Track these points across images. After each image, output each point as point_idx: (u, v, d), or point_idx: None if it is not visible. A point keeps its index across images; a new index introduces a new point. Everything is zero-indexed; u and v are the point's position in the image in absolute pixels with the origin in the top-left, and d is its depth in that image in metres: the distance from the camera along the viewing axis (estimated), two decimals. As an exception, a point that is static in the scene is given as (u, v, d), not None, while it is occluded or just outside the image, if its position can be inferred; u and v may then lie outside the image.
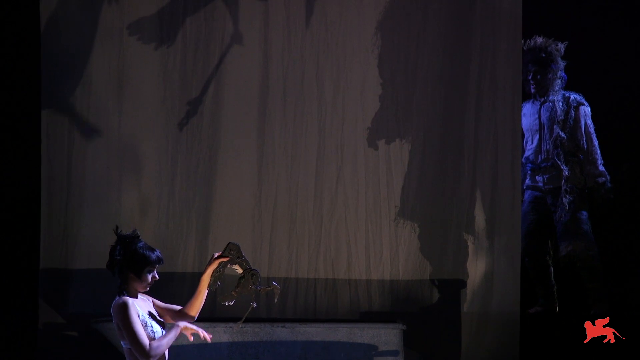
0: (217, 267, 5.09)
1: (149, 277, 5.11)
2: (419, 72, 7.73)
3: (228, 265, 5.09)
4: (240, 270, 5.06)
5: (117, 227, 5.15)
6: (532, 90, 8.25)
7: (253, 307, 5.13)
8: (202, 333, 5.19)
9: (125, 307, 5.04)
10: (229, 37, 7.61)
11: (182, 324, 5.15)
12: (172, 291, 7.23)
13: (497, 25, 7.77)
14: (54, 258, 7.43)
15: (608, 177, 8.16)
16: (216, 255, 5.12)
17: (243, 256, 5.09)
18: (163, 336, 5.09)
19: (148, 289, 5.16)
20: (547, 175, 8.21)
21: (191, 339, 5.22)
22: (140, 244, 5.11)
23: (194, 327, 5.16)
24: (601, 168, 8.17)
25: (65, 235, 7.46)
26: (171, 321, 5.23)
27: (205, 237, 7.52)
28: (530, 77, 8.22)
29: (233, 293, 5.09)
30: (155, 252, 5.13)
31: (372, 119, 7.70)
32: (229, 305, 5.12)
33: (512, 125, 7.78)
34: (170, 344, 5.08)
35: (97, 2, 7.51)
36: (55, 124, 7.49)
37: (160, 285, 5.38)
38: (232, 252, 5.08)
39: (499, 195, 7.75)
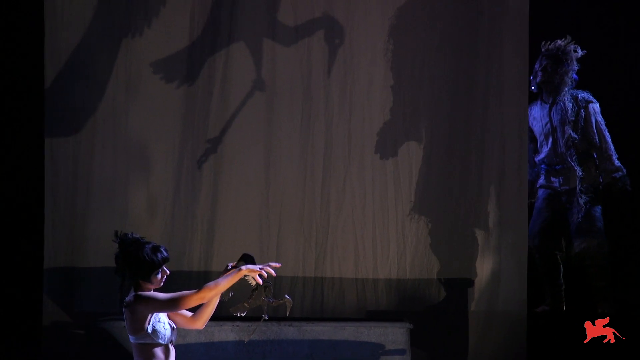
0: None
1: (159, 276, 5.07)
2: (426, 72, 7.72)
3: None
4: (253, 282, 5.04)
5: (116, 232, 5.05)
6: (538, 80, 8.12)
7: (265, 319, 5.12)
8: (268, 269, 4.96)
9: (150, 294, 4.98)
10: (235, 36, 7.60)
11: (245, 268, 4.90)
12: (178, 290, 7.21)
13: (504, 25, 7.76)
14: (61, 256, 7.42)
15: (624, 170, 8.11)
16: (230, 265, 5.03)
17: (257, 268, 5.07)
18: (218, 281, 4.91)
19: (162, 284, 5.10)
20: (562, 177, 8.15)
21: (260, 281, 4.96)
22: (146, 249, 5.00)
23: (256, 268, 4.92)
24: (617, 163, 8.12)
25: (72, 233, 7.45)
26: (180, 326, 5.20)
27: (212, 236, 7.51)
28: (540, 68, 8.13)
29: (245, 304, 5.04)
30: (160, 254, 5.03)
31: (379, 118, 7.69)
32: (240, 315, 5.10)
33: (518, 125, 7.79)
34: (222, 287, 4.90)
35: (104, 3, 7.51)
36: (61, 123, 7.47)
37: (167, 283, 5.37)
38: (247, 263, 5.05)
39: (506, 194, 7.76)
